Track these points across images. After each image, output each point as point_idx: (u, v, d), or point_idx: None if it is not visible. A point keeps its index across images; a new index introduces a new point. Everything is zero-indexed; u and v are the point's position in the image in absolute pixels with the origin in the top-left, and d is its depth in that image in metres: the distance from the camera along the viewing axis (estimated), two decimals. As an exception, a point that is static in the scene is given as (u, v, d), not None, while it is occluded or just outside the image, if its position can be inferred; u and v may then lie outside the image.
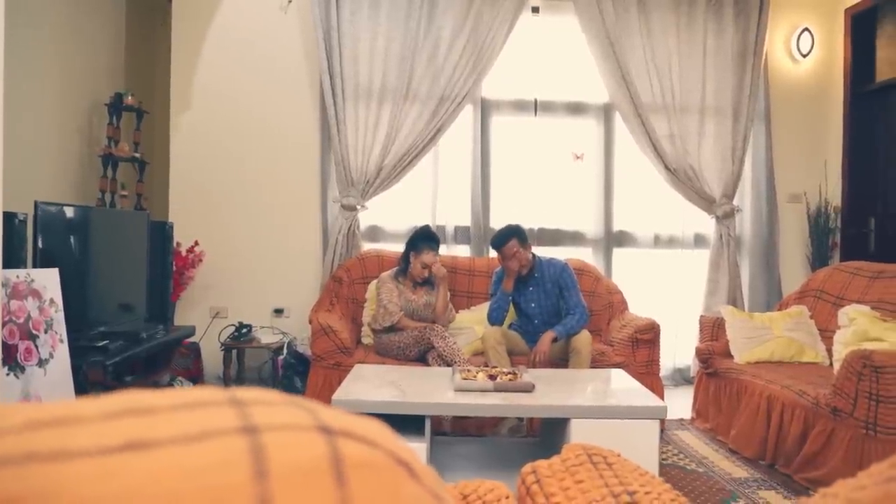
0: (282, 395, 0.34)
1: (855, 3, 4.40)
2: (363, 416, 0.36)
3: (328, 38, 4.15)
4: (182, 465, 0.25)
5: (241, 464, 0.25)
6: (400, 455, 0.31)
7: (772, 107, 4.52)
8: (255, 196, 4.35)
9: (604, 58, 4.28)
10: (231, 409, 0.29)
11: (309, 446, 0.27)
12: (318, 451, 0.27)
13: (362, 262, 3.97)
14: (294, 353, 3.81)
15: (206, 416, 0.28)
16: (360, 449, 0.29)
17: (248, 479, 0.24)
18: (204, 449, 0.26)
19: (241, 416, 0.29)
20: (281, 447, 0.27)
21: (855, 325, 2.79)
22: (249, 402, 0.31)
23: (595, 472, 1.03)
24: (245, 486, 0.24)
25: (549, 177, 4.45)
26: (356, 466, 0.27)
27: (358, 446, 0.29)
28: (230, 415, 0.29)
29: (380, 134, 4.19)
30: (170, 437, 0.26)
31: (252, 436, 0.27)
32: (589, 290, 3.89)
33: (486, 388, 2.37)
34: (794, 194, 4.62)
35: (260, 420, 0.29)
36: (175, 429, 0.27)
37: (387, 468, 0.29)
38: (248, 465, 0.25)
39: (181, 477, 0.24)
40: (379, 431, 0.32)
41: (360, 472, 0.27)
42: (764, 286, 4.51)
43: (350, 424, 0.31)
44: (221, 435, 0.27)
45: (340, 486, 0.26)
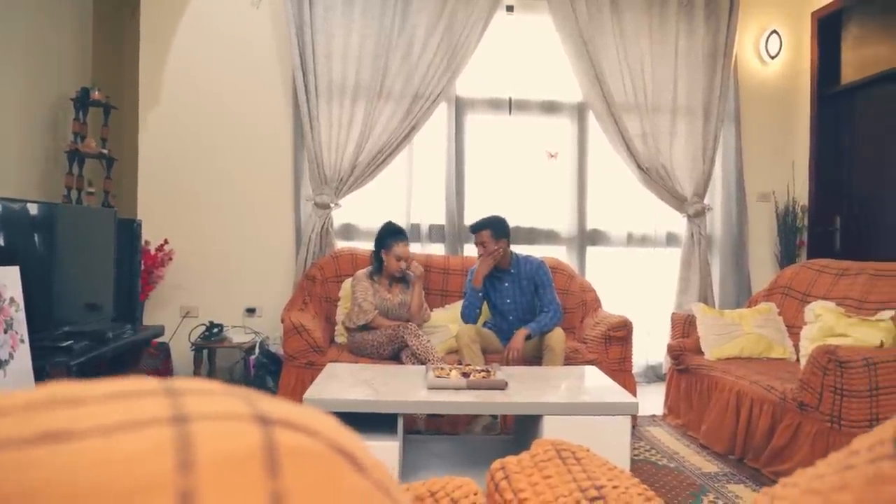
0: (222, 385, 0.32)
1: (821, 7, 4.50)
2: (312, 408, 0.34)
3: (301, 35, 4.11)
4: (100, 456, 0.23)
5: (165, 454, 0.24)
6: (343, 446, 0.30)
7: (741, 107, 4.60)
8: (227, 194, 4.28)
9: (577, 57, 4.31)
10: (163, 398, 0.28)
11: (241, 436, 0.26)
12: (250, 440, 0.25)
13: (336, 261, 3.93)
14: (266, 353, 3.76)
15: (135, 407, 0.27)
16: (298, 439, 0.27)
17: (170, 471, 0.23)
18: (126, 440, 0.24)
19: (172, 406, 0.27)
20: (210, 437, 0.25)
21: (821, 321, 2.84)
22: (184, 392, 0.29)
23: (563, 467, 1.02)
24: (166, 477, 0.23)
25: (523, 175, 4.47)
26: (292, 456, 0.26)
27: (296, 436, 0.28)
28: (161, 404, 0.27)
29: (353, 132, 4.16)
30: (92, 427, 0.25)
31: (180, 426, 0.26)
32: (563, 288, 3.91)
33: (459, 386, 2.36)
34: (763, 193, 4.69)
35: (192, 410, 0.27)
36: (99, 419, 0.26)
37: (327, 459, 0.27)
38: (171, 455, 0.24)
39: (97, 469, 0.23)
40: (322, 421, 0.31)
41: (295, 463, 0.26)
42: (734, 284, 4.58)
43: (290, 414, 0.30)
44: (147, 425, 0.25)
45: (273, 477, 0.25)
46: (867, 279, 3.18)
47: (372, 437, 2.22)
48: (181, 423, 0.26)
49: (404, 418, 2.99)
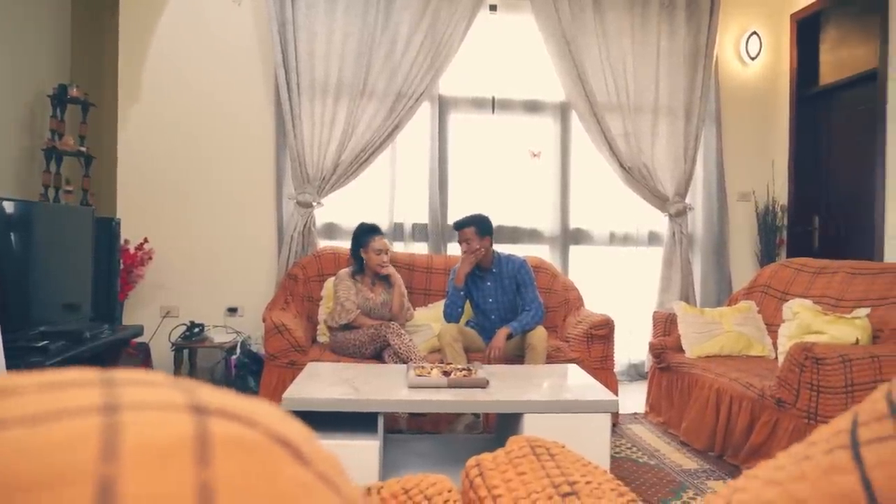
0: (165, 377, 0.32)
1: (800, 9, 4.55)
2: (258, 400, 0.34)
3: (283, 32, 4.08)
4: (22, 446, 0.23)
5: (89, 443, 0.23)
6: (285, 437, 0.29)
7: (722, 108, 4.64)
8: (208, 192, 4.25)
9: (560, 57, 4.32)
10: (98, 388, 0.27)
11: (171, 425, 0.25)
12: (181, 430, 0.25)
13: (318, 260, 3.91)
14: (248, 353, 3.73)
15: (66, 396, 0.26)
16: (235, 429, 0.27)
17: (92, 459, 0.22)
18: (52, 429, 0.24)
19: (105, 396, 0.27)
20: (139, 426, 0.25)
21: (798, 318, 2.88)
22: (122, 383, 0.29)
23: (538, 463, 1.02)
24: (88, 466, 0.22)
25: (506, 174, 4.47)
26: (225, 446, 0.26)
27: (232, 426, 0.27)
28: (94, 394, 0.27)
29: (336, 130, 4.15)
30: (17, 417, 0.24)
31: (109, 415, 0.25)
32: (546, 287, 3.92)
33: (439, 385, 2.36)
34: (744, 193, 4.74)
35: (126, 400, 0.27)
36: (27, 409, 0.25)
37: (264, 449, 0.27)
38: (95, 444, 0.23)
39: (17, 459, 0.22)
40: (264, 412, 0.31)
41: (228, 453, 0.25)
42: (715, 282, 4.62)
43: (230, 405, 0.29)
44: (76, 414, 0.25)
45: (203, 467, 0.24)
46: (844, 277, 3.23)
47: (352, 436, 2.21)
48: (111, 412, 0.25)
49: (386, 418, 2.98)
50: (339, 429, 2.27)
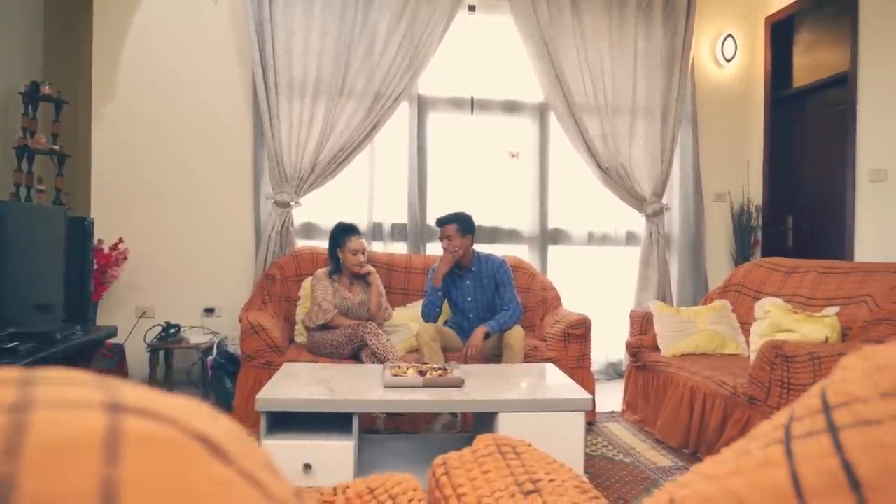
0: (88, 375, 0.31)
1: (774, 12, 4.62)
2: (188, 398, 0.34)
3: (261, 31, 4.05)
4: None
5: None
6: (205, 434, 0.29)
7: (698, 109, 4.69)
8: (184, 192, 4.21)
9: (538, 58, 4.34)
10: (13, 387, 0.27)
11: (80, 423, 0.25)
12: (90, 427, 0.25)
13: (296, 260, 3.89)
14: (224, 353, 3.70)
15: (-21, 396, 0.26)
16: (149, 426, 0.27)
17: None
18: (-45, 427, 0.24)
19: (20, 394, 0.27)
20: (46, 424, 0.25)
21: (770, 317, 2.92)
22: (39, 381, 0.29)
23: (503, 461, 1.03)
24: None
25: (485, 175, 4.49)
26: (136, 444, 0.26)
27: (147, 423, 0.27)
28: (8, 393, 0.27)
29: (314, 129, 4.13)
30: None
31: (18, 413, 0.25)
32: (524, 287, 3.94)
33: (415, 385, 2.36)
34: (720, 193, 4.80)
35: (40, 398, 0.27)
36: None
37: (179, 446, 0.27)
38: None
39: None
40: (187, 410, 0.31)
41: (138, 450, 0.25)
42: (691, 281, 4.67)
43: (150, 403, 0.29)
44: (-18, 413, 0.25)
45: (109, 465, 0.24)
46: (815, 277, 3.28)
47: (328, 436, 2.20)
48: (20, 410, 0.25)
49: (363, 418, 2.98)
50: (315, 429, 2.26)
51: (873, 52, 3.74)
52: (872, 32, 3.75)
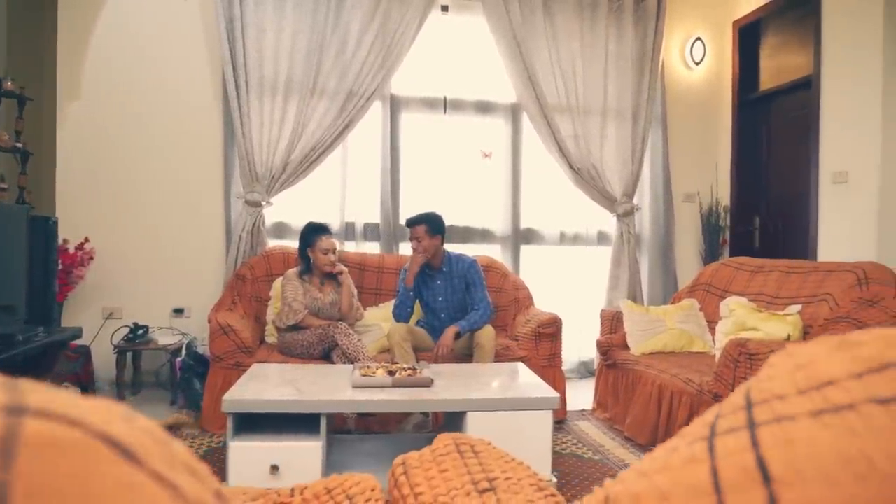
0: (2, 378, 0.31)
1: (742, 17, 4.70)
2: (98, 399, 0.34)
3: (231, 29, 4.01)
4: None
5: None
6: (113, 436, 0.29)
7: (668, 111, 4.76)
8: (153, 191, 4.14)
9: (511, 58, 4.36)
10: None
11: (-26, 426, 0.25)
12: (-17, 430, 0.25)
13: (267, 260, 3.86)
14: (193, 355, 3.66)
15: None
16: (50, 428, 0.27)
17: None
18: None
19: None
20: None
21: (734, 315, 2.97)
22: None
23: (461, 461, 1.04)
24: None
25: (458, 174, 4.50)
26: (33, 446, 0.26)
27: (48, 425, 0.27)
28: None
29: (286, 128, 4.10)
30: None
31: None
32: (496, 287, 3.96)
33: (384, 385, 2.36)
34: (689, 194, 4.88)
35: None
36: None
37: (81, 449, 0.27)
38: None
39: None
40: (96, 412, 0.30)
41: (36, 452, 0.25)
42: (661, 281, 4.74)
43: (55, 405, 0.29)
44: None
45: (1, 468, 0.24)
46: (779, 276, 3.35)
47: (296, 437, 2.19)
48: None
49: (334, 418, 2.97)
50: (284, 431, 2.25)
51: (835, 57, 3.83)
52: (835, 37, 3.84)
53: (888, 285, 2.76)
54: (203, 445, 3.01)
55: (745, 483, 0.39)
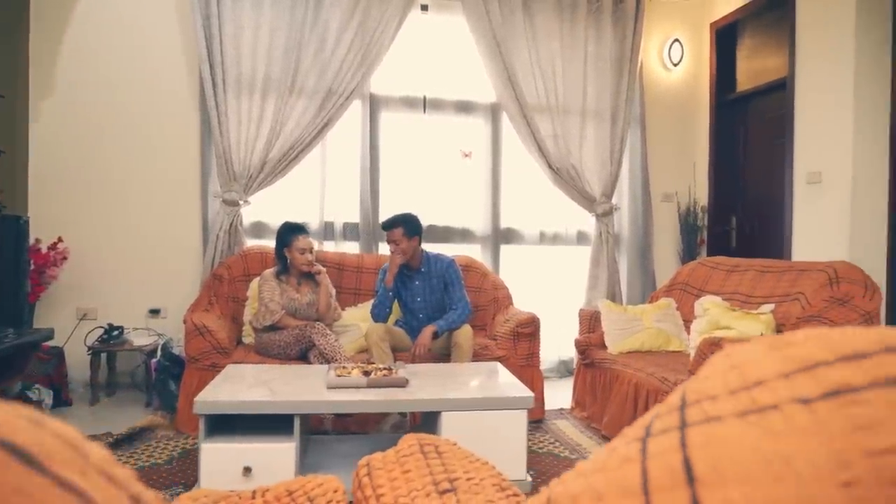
0: None
1: (719, 18, 4.75)
2: (8, 405, 0.33)
3: (208, 26, 3.97)
4: None
5: None
6: (15, 442, 0.29)
7: (646, 112, 4.79)
8: (129, 190, 4.09)
9: (491, 58, 4.37)
10: None
11: None
12: None
13: (244, 259, 3.83)
14: (169, 355, 3.62)
15: None
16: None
17: None
18: None
19: None
20: None
21: (708, 314, 3.00)
22: None
23: (423, 461, 1.03)
24: None
25: (438, 174, 4.49)
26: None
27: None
28: None
29: (264, 127, 4.07)
30: None
31: None
32: (475, 286, 3.97)
33: (359, 385, 2.35)
34: (667, 194, 4.92)
35: None
36: None
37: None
38: None
39: None
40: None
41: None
42: (640, 280, 4.77)
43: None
44: None
45: None
46: (754, 275, 3.39)
47: (270, 439, 2.17)
48: None
49: (311, 419, 2.95)
50: (258, 432, 2.23)
51: (809, 59, 3.89)
52: (808, 40, 3.89)
53: (858, 284, 2.80)
54: (178, 447, 2.97)
55: (671, 484, 0.39)
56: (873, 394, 0.37)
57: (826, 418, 0.36)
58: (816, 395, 0.38)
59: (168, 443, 3.03)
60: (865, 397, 0.37)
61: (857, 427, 0.35)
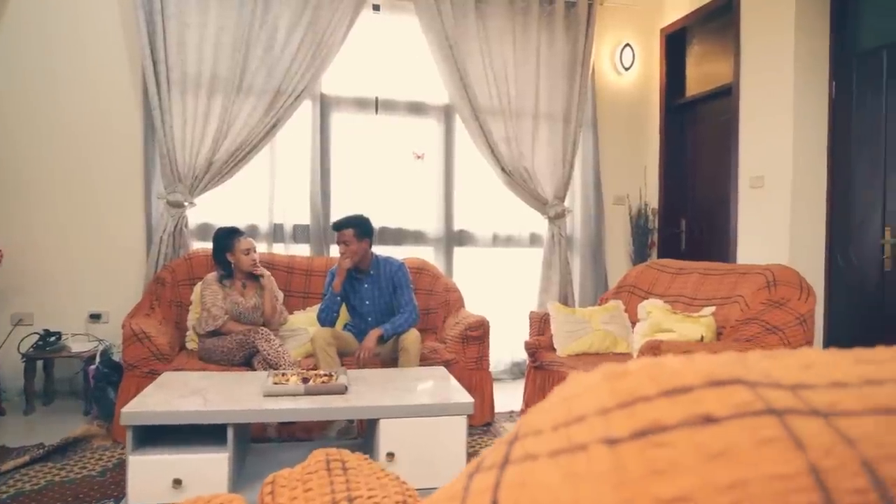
0: None
1: (669, 24, 4.82)
2: None
3: (151, 22, 3.86)
4: None
5: None
6: None
7: (598, 115, 4.84)
8: (68, 190, 3.95)
9: (443, 60, 4.35)
10: None
11: None
12: None
13: (189, 263, 3.74)
14: (109, 362, 3.50)
15: None
16: None
17: None
18: None
19: None
20: None
21: (651, 317, 3.04)
22: None
23: (327, 479, 1.01)
24: None
25: (390, 176, 4.46)
26: None
27: None
28: None
29: (210, 127, 3.97)
30: None
31: None
32: (427, 289, 3.94)
33: (296, 393, 2.30)
34: (619, 197, 4.97)
35: None
36: None
37: None
38: None
39: None
40: None
41: None
42: (592, 282, 4.81)
43: None
44: None
45: None
46: (698, 278, 3.44)
47: (200, 449, 2.11)
48: None
49: (253, 427, 2.89)
50: (192, 442, 2.17)
51: (752, 66, 3.97)
52: (752, 47, 3.97)
53: (794, 287, 2.87)
54: (114, 458, 2.88)
55: (477, 529, 0.37)
56: (680, 434, 0.35)
57: (626, 461, 0.34)
58: (626, 435, 0.36)
59: (104, 453, 2.93)
60: (671, 438, 0.35)
61: (653, 471, 0.33)
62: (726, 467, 0.32)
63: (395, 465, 2.18)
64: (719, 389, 0.37)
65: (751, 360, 0.43)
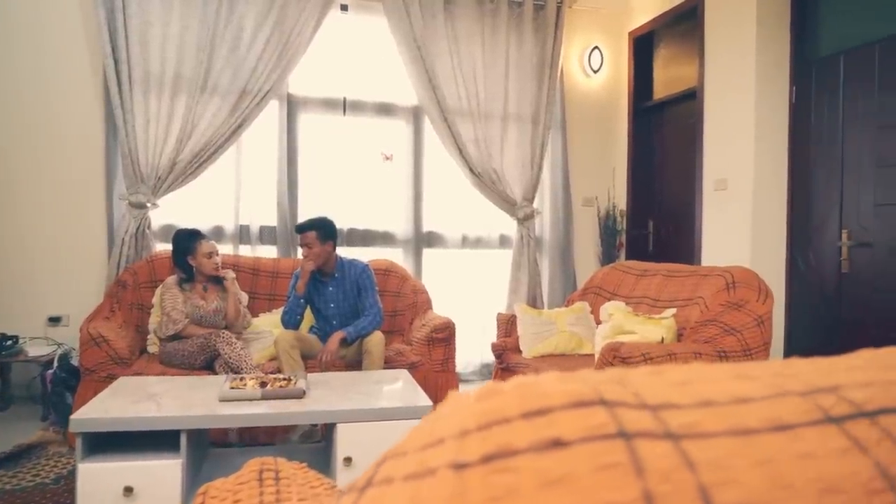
0: None
1: (636, 28, 4.87)
2: None
3: (112, 20, 3.79)
4: None
5: None
6: None
7: (567, 117, 4.86)
8: (26, 191, 3.86)
9: (412, 61, 4.34)
10: None
11: None
12: None
13: (151, 265, 3.68)
14: (67, 366, 3.43)
15: None
16: None
17: None
18: None
19: None
20: None
21: (612, 319, 3.06)
22: None
23: (257, 489, 0.99)
24: None
25: (358, 177, 4.43)
26: None
27: None
28: None
29: (174, 127, 3.91)
30: None
31: None
32: (394, 291, 3.93)
33: (253, 397, 2.27)
34: (588, 198, 5.01)
35: None
36: None
37: None
38: None
39: None
40: None
41: None
42: (561, 283, 4.84)
43: None
44: None
45: None
46: (661, 279, 3.48)
47: (152, 456, 2.08)
48: None
49: (211, 431, 2.85)
50: (145, 449, 2.13)
51: (716, 70, 4.02)
52: (715, 52, 4.03)
53: (752, 289, 2.91)
54: (69, 464, 2.82)
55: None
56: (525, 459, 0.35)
57: (469, 487, 0.34)
58: (475, 459, 0.36)
59: (59, 460, 2.87)
60: (517, 463, 0.34)
61: (491, 499, 0.33)
62: (560, 495, 0.32)
63: (353, 469, 2.17)
64: (576, 411, 0.37)
65: (632, 377, 0.43)
